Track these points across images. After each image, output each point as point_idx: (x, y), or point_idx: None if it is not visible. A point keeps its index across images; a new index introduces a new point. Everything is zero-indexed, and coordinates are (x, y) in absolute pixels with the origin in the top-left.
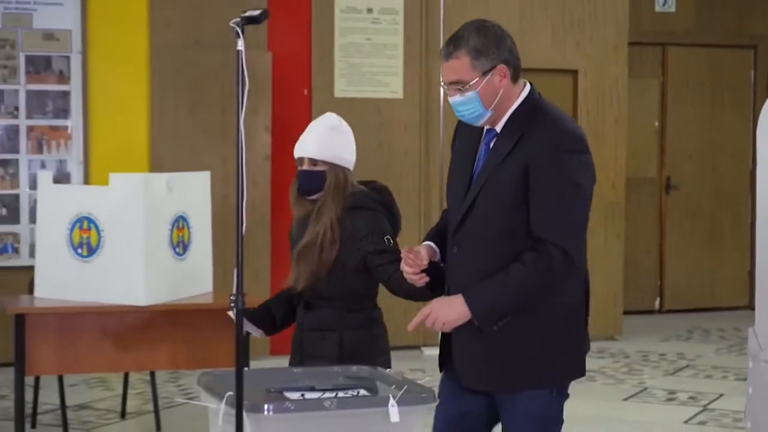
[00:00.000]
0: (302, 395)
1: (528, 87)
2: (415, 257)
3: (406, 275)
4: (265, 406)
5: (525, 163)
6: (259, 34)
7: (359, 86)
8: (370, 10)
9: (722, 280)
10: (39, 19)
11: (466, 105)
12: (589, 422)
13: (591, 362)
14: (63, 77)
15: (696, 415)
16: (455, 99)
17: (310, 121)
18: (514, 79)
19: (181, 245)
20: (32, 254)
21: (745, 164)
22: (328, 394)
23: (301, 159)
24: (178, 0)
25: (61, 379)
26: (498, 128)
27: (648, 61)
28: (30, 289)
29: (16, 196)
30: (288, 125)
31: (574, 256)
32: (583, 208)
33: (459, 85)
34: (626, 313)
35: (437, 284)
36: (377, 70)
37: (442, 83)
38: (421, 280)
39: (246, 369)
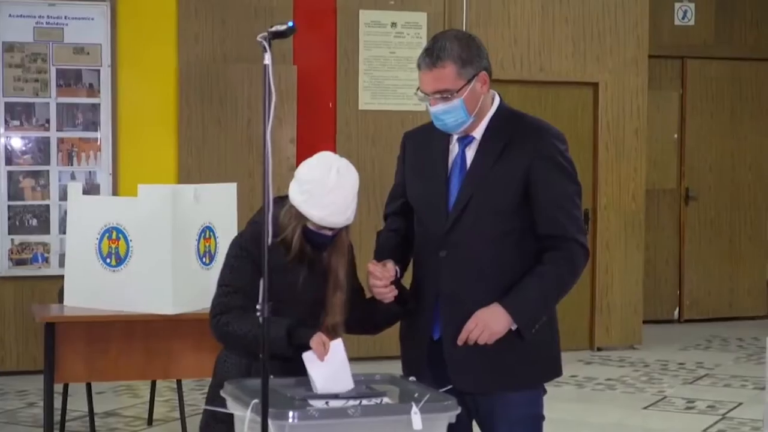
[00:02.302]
0: (326, 403)
1: (497, 94)
2: (383, 269)
3: (375, 291)
4: (290, 414)
5: (524, 168)
6: (285, 48)
7: (383, 99)
8: (394, 25)
9: (741, 289)
10: (70, 33)
11: (451, 113)
12: (608, 430)
13: (611, 371)
14: (93, 90)
15: (715, 423)
16: (438, 108)
17: (335, 133)
18: (489, 86)
19: (207, 255)
20: (62, 264)
21: (764, 175)
22: (351, 402)
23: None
24: (206, 15)
25: (89, 386)
26: (477, 134)
27: (667, 74)
28: (60, 298)
29: (47, 207)
30: (313, 137)
31: (588, 249)
32: (581, 203)
33: (445, 94)
34: (646, 322)
35: (402, 299)
36: (401, 83)
37: (420, 93)
38: (391, 293)
39: (271, 377)
